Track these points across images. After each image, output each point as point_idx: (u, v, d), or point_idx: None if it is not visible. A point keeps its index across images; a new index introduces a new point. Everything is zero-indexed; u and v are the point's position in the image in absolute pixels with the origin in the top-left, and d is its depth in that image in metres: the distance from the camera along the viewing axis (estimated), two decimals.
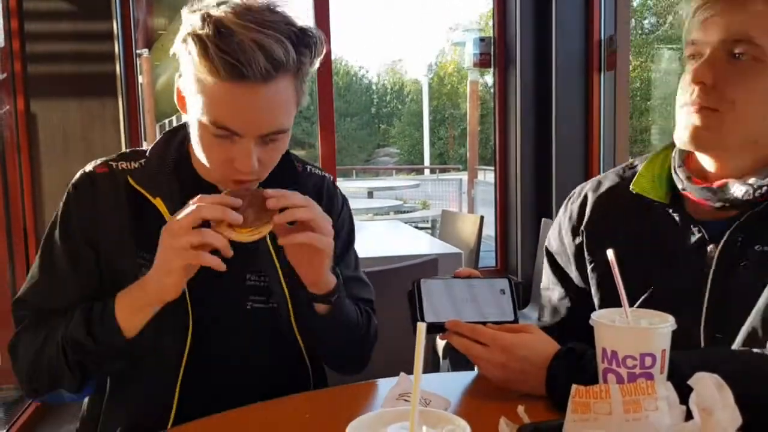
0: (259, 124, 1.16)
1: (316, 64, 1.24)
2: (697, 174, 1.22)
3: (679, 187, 1.23)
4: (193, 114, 1.18)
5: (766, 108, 1.14)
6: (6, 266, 3.61)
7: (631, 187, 1.28)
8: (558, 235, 1.42)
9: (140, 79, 3.90)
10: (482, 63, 4.60)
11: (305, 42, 1.18)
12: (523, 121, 4.27)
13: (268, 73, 1.11)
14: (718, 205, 1.18)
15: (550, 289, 1.44)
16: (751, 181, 1.14)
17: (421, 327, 0.62)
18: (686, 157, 1.26)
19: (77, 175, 1.33)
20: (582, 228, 1.35)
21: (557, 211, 1.41)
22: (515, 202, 4.38)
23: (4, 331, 1.32)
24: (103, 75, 3.62)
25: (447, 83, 37.51)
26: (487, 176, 12.42)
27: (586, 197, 1.38)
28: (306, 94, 1.25)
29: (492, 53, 4.52)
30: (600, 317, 0.99)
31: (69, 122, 3.59)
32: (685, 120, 1.18)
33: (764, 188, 1.13)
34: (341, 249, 1.46)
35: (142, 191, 1.27)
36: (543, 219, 3.84)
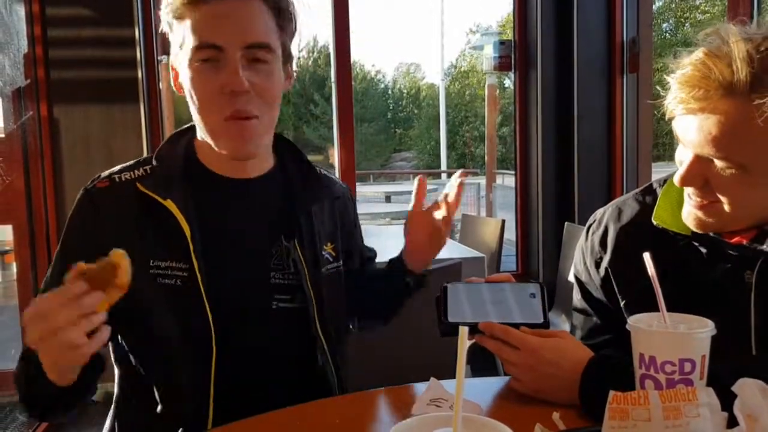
0: (238, 31, 1.19)
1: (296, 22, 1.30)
2: None
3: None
4: (183, 63, 1.22)
5: (765, 201, 1.09)
6: (29, 272, 3.64)
7: (652, 219, 1.23)
8: (584, 265, 1.37)
9: (160, 85, 3.92)
10: (502, 66, 4.58)
11: None
12: (545, 124, 4.24)
13: None
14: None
15: (582, 313, 1.40)
16: None
17: (464, 331, 0.61)
18: None
19: (79, 195, 1.31)
20: (606, 265, 1.30)
21: (580, 215, 1.38)
22: (536, 205, 4.35)
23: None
24: (125, 81, 3.64)
25: (465, 87, 37.49)
26: (506, 180, 12.39)
27: (606, 229, 1.32)
28: (292, 44, 1.31)
29: (512, 56, 4.50)
30: (637, 322, 0.97)
31: (91, 128, 3.61)
32: (687, 209, 1.15)
33: None
34: (358, 239, 1.60)
35: (153, 195, 1.24)
36: (566, 223, 3.81)
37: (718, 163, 1.05)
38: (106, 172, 1.32)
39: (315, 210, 1.39)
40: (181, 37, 1.22)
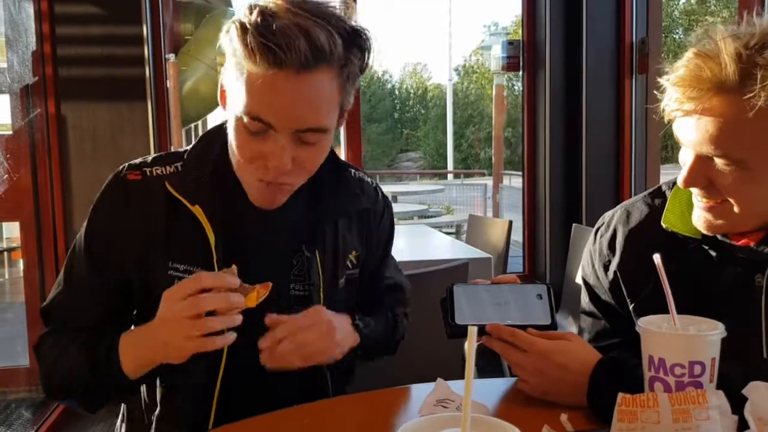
0: (295, 116, 1.08)
1: (366, 68, 1.17)
2: None
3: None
4: (231, 108, 1.13)
5: None
6: (36, 269, 3.65)
7: (662, 222, 1.22)
8: (592, 268, 1.36)
9: (167, 83, 3.92)
10: (510, 67, 4.57)
11: (356, 41, 1.11)
12: (553, 125, 4.23)
13: (308, 62, 1.04)
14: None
15: (590, 315, 1.38)
16: None
17: (473, 330, 0.60)
18: None
19: (108, 180, 1.28)
20: (615, 268, 1.29)
21: (587, 216, 1.36)
22: (544, 206, 4.33)
23: (33, 332, 1.32)
24: (132, 78, 3.64)
25: (472, 87, 37.49)
26: (513, 181, 12.38)
27: (615, 232, 1.31)
28: (351, 98, 1.18)
29: (521, 57, 4.49)
30: (647, 324, 0.96)
31: (99, 125, 3.62)
32: (696, 212, 1.14)
33: None
34: (380, 257, 1.47)
35: (181, 198, 1.20)
36: (574, 224, 3.79)
37: (718, 161, 1.05)
38: (138, 161, 1.29)
39: (342, 219, 1.35)
40: (232, 76, 1.10)
